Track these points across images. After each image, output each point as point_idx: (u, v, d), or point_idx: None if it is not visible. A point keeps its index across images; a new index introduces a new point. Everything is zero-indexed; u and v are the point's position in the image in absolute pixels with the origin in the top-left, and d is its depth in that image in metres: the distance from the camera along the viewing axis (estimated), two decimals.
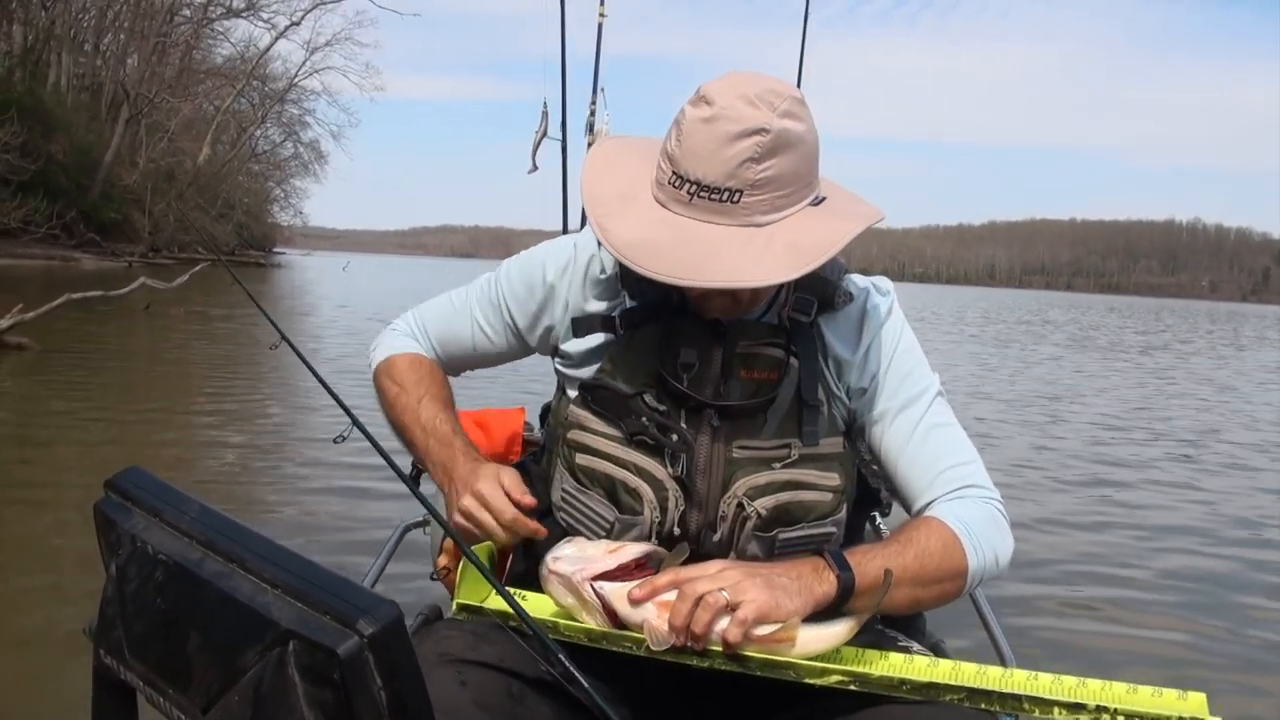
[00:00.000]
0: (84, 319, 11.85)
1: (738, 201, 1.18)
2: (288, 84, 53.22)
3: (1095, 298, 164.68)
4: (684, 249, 1.18)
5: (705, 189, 1.18)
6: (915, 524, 1.29)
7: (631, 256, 1.18)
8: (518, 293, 1.46)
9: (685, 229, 1.19)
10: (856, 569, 1.18)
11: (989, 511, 1.33)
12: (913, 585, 1.23)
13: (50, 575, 3.56)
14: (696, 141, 1.18)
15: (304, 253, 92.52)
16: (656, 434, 1.28)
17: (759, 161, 1.17)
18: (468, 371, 1.59)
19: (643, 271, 1.18)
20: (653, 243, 1.19)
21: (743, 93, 1.18)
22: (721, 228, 1.19)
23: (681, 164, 1.19)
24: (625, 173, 1.29)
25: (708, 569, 1.15)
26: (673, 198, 1.21)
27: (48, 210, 30.44)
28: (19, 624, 3.13)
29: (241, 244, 51.38)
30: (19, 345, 9.10)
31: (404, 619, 0.73)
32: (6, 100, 28.70)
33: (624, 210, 1.23)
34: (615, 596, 1.16)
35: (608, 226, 1.22)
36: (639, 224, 1.21)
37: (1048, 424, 9.12)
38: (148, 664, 0.84)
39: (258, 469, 5.50)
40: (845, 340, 1.36)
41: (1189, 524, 5.57)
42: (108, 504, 0.89)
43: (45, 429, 6.19)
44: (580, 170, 1.40)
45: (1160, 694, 1.06)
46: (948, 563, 1.26)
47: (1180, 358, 20.19)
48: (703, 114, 1.18)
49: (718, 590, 1.11)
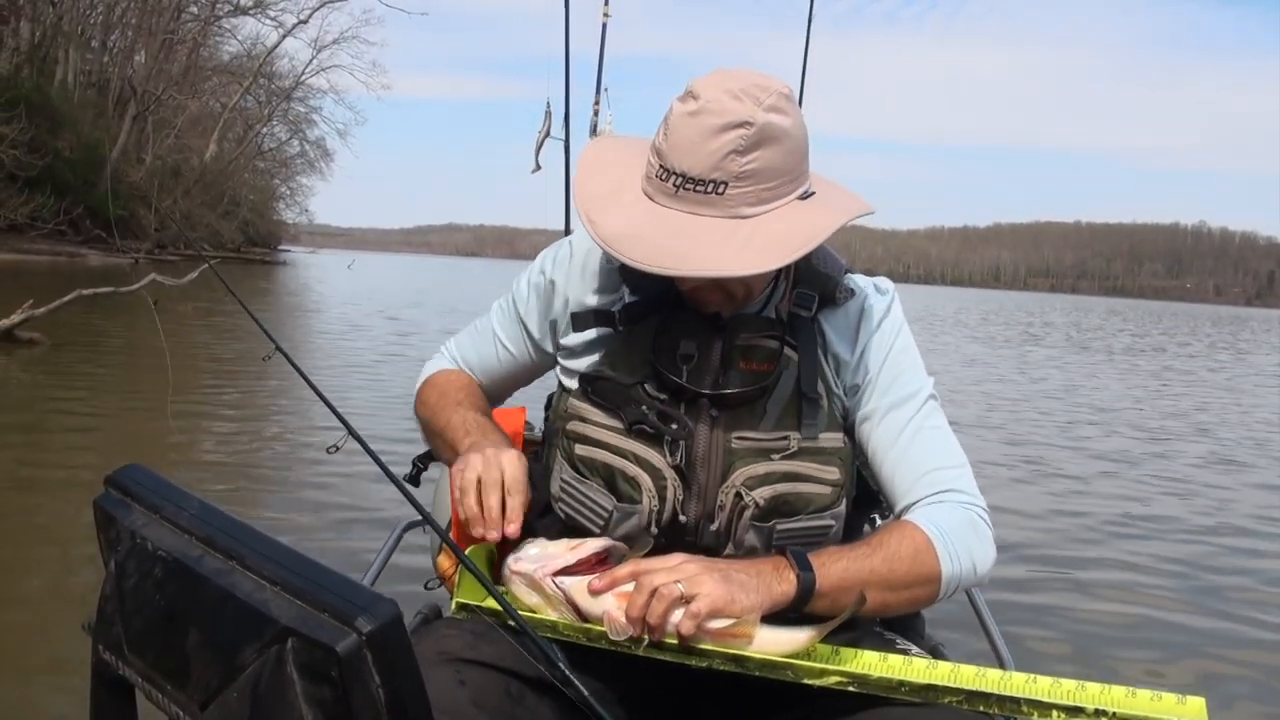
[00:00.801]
0: (91, 314, 11.88)
1: (722, 193, 1.20)
2: (294, 82, 53.37)
3: (1099, 300, 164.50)
4: (667, 239, 1.19)
5: (690, 181, 1.20)
6: (889, 528, 1.30)
7: (616, 246, 1.21)
8: (527, 299, 1.49)
9: (670, 220, 1.21)
10: (819, 570, 1.18)
11: (969, 517, 1.31)
12: (880, 589, 1.22)
13: (50, 571, 3.56)
14: (682, 135, 1.20)
15: (309, 250, 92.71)
16: (656, 422, 1.29)
17: (743, 154, 1.18)
18: (508, 396, 1.63)
19: (626, 260, 1.20)
20: (637, 233, 1.21)
21: (728, 87, 1.20)
22: (705, 219, 1.20)
23: (668, 157, 1.21)
24: (616, 170, 1.31)
25: (667, 561, 1.17)
26: (659, 190, 1.23)
27: (55, 206, 30.54)
28: (19, 620, 3.14)
29: (246, 241, 51.47)
30: (30, 340, 9.21)
31: (403, 617, 0.73)
32: (14, 97, 28.81)
33: (612, 204, 1.26)
34: (575, 589, 1.18)
35: (596, 219, 1.24)
36: (626, 216, 1.23)
37: (1052, 426, 9.12)
38: (146, 660, 0.84)
39: (259, 466, 5.52)
40: (844, 337, 1.38)
41: (1191, 524, 5.56)
42: (107, 500, 0.89)
43: (50, 424, 6.21)
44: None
45: (1159, 698, 1.06)
46: (919, 568, 1.25)
47: (1178, 359, 20.16)
48: (689, 108, 1.20)
49: (673, 582, 1.12)
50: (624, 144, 1.40)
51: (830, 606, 1.18)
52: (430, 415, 1.49)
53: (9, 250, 27.60)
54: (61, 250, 30.51)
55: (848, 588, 1.19)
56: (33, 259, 27.45)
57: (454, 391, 1.49)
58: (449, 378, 1.54)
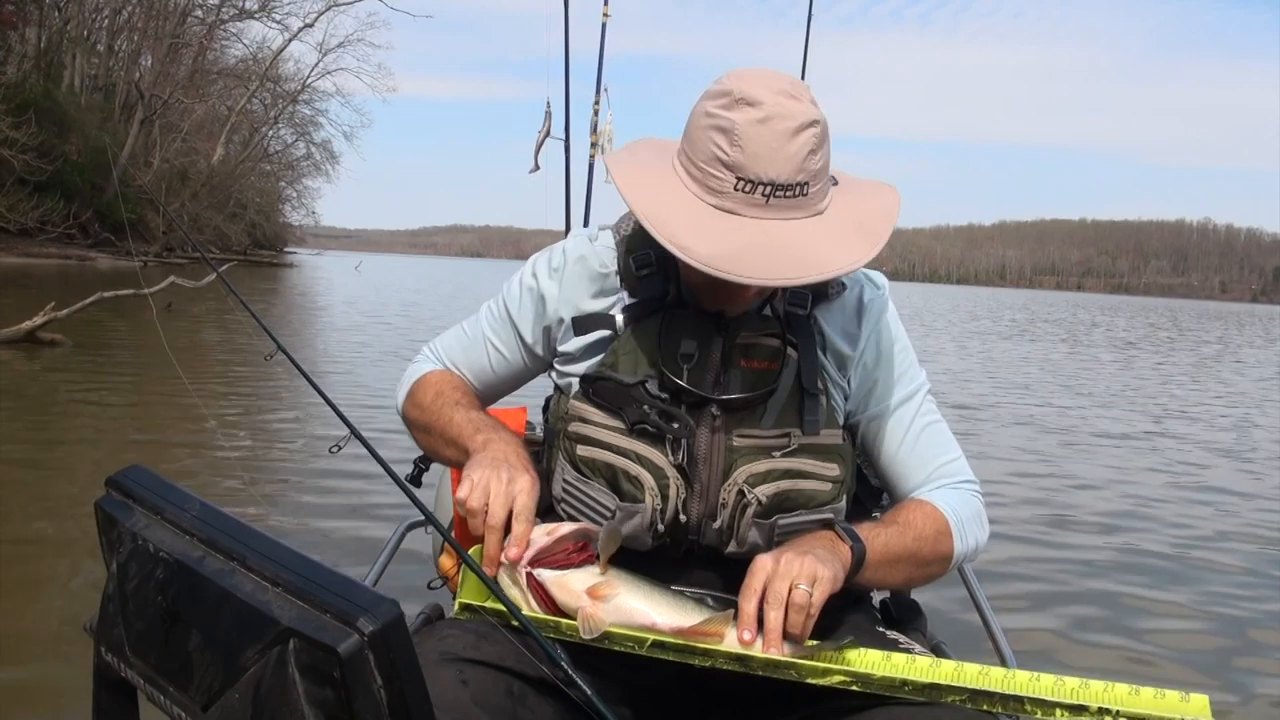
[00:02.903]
0: (103, 315, 11.94)
1: (807, 194, 1.22)
2: (300, 85, 53.47)
3: (1105, 298, 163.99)
4: (779, 250, 1.19)
5: (780, 187, 1.20)
6: (912, 508, 1.36)
7: (728, 269, 1.18)
8: (519, 303, 1.48)
9: (770, 230, 1.20)
10: (867, 544, 1.26)
11: (976, 505, 1.42)
12: (909, 566, 1.33)
13: (54, 572, 3.58)
14: (761, 143, 1.19)
15: (315, 252, 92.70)
16: (658, 421, 1.30)
17: (816, 152, 1.21)
18: (495, 401, 1.61)
19: (747, 281, 1.18)
20: (742, 251, 1.18)
21: (779, 88, 1.21)
22: (800, 222, 1.22)
23: (748, 168, 1.19)
24: (661, 185, 1.27)
25: (767, 567, 1.18)
26: (745, 203, 1.21)
27: (64, 210, 30.66)
28: (21, 619, 3.15)
29: (253, 244, 51.57)
30: (52, 341, 9.51)
31: (404, 618, 0.73)
32: (24, 102, 28.91)
33: (690, 224, 1.21)
34: (553, 584, 1.19)
35: (686, 244, 1.20)
36: (716, 235, 1.20)
37: (1048, 423, 9.10)
38: (148, 662, 0.84)
39: (263, 465, 5.53)
40: (843, 333, 1.39)
41: (1193, 523, 5.55)
42: (109, 502, 0.89)
43: (63, 425, 6.23)
44: (587, 178, 1.41)
45: (1163, 695, 1.05)
46: (939, 547, 1.35)
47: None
48: (756, 115, 1.19)
49: (797, 587, 1.15)
50: (643, 157, 1.34)
51: (871, 579, 1.28)
52: (426, 415, 1.46)
53: (19, 254, 27.75)
54: (70, 254, 30.64)
55: (888, 563, 1.29)
56: (42, 263, 27.57)
57: (450, 391, 1.47)
58: (443, 377, 1.52)
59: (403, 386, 1.56)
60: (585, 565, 1.22)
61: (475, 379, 1.55)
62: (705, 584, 1.34)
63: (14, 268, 24.79)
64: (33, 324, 9.38)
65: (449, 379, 1.52)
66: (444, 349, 1.57)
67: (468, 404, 1.45)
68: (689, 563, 1.35)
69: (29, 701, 2.61)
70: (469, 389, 1.52)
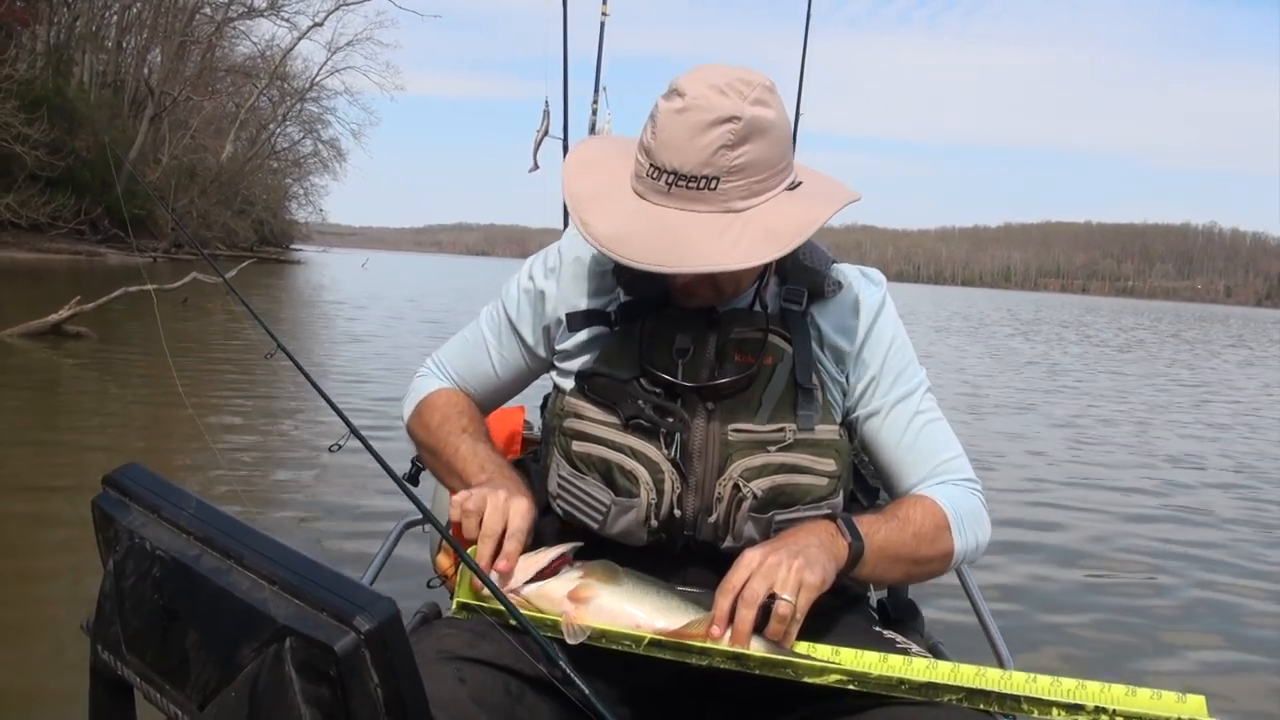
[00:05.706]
0: (118, 311, 12.00)
1: (715, 189, 1.20)
2: (308, 83, 53.52)
3: (1109, 301, 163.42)
4: (661, 237, 1.20)
5: (682, 178, 1.20)
6: (912, 503, 1.36)
7: (611, 247, 1.21)
8: (518, 305, 1.49)
9: (663, 218, 1.22)
10: (866, 539, 1.26)
11: (977, 502, 1.41)
12: (908, 562, 1.32)
13: (51, 571, 3.58)
14: (671, 132, 1.20)
15: (321, 249, 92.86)
16: (652, 416, 1.30)
17: (733, 148, 1.19)
18: (499, 405, 1.62)
19: (620, 260, 1.20)
20: (631, 233, 1.21)
21: (713, 83, 1.20)
22: (698, 215, 1.21)
23: (658, 155, 1.21)
24: (603, 170, 1.31)
25: (749, 566, 1.17)
26: (651, 188, 1.23)
27: (74, 206, 30.76)
28: (18, 618, 3.15)
29: (260, 240, 51.65)
30: (78, 334, 10.02)
31: (401, 616, 0.74)
32: (36, 98, 29.01)
33: (603, 204, 1.26)
34: (534, 596, 1.19)
35: (588, 220, 1.24)
36: (618, 216, 1.23)
37: (1050, 427, 9.08)
38: (145, 660, 0.84)
39: (263, 462, 5.53)
40: (841, 330, 1.39)
41: (1190, 524, 5.54)
42: (105, 500, 0.89)
43: (66, 423, 6.24)
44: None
45: (1159, 696, 1.05)
46: (939, 544, 1.34)
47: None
48: (675, 105, 1.20)
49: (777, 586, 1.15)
50: (610, 144, 1.40)
51: (868, 574, 1.28)
52: (432, 439, 1.48)
53: (31, 249, 27.91)
54: (80, 249, 30.79)
55: (886, 558, 1.28)
56: (53, 258, 27.69)
57: (457, 416, 1.48)
58: (449, 398, 1.53)
59: (409, 403, 1.57)
60: (562, 570, 1.22)
61: (479, 385, 1.56)
62: (702, 582, 1.33)
63: (27, 263, 24.91)
64: (58, 317, 9.92)
65: (455, 401, 1.52)
66: (447, 360, 1.59)
67: (474, 432, 1.46)
68: (686, 560, 1.35)
69: (26, 700, 2.61)
70: (474, 412, 1.52)
